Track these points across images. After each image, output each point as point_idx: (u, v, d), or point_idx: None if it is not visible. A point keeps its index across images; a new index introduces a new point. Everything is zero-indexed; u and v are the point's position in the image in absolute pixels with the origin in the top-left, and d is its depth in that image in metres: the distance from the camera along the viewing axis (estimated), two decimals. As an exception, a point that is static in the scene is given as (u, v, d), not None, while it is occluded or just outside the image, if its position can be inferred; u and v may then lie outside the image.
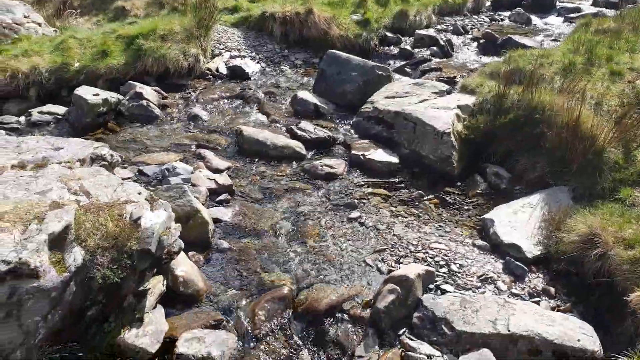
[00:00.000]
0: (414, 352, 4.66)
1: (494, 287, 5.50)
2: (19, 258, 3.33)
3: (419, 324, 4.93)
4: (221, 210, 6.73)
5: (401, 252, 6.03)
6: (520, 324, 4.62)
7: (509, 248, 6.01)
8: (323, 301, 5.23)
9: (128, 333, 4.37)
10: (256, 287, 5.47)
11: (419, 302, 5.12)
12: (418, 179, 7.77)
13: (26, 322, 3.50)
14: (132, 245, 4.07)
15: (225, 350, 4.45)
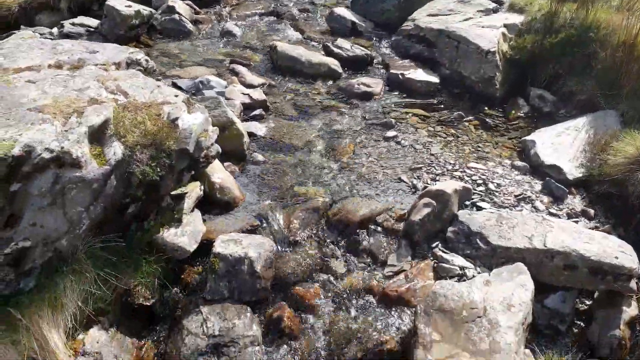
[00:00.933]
0: (446, 264, 4.64)
1: (531, 206, 5.36)
2: (61, 147, 3.35)
3: (453, 238, 4.88)
4: (255, 125, 6.66)
5: (437, 171, 5.89)
6: (557, 240, 4.51)
7: (549, 169, 5.80)
8: (357, 213, 5.21)
9: (167, 232, 4.47)
10: (290, 198, 5.47)
11: (455, 217, 5.04)
12: (458, 100, 7.47)
13: (70, 212, 3.58)
14: (170, 145, 4.06)
15: (262, 252, 4.52)
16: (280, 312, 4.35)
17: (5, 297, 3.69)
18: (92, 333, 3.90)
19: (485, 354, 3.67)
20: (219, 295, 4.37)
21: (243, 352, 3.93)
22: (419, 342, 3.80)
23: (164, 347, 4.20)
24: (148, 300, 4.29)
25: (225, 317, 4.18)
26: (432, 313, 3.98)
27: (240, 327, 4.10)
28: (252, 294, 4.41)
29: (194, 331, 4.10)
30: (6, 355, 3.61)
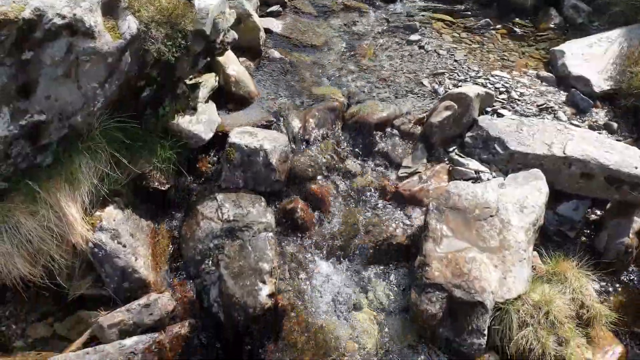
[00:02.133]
0: (462, 167, 4.55)
1: (553, 117, 5.16)
2: (73, 14, 3.17)
3: (471, 142, 4.75)
4: (272, 21, 6.33)
5: (460, 77, 5.64)
6: (577, 148, 4.37)
7: (576, 81, 5.52)
8: (374, 116, 5.06)
9: (182, 119, 4.38)
10: (307, 97, 5.30)
11: (474, 122, 4.88)
12: (487, 8, 7.02)
13: (85, 87, 3.47)
14: (186, 25, 3.85)
15: (277, 146, 4.44)
16: (294, 204, 4.35)
17: (23, 170, 3.69)
18: (108, 211, 3.93)
19: (494, 250, 3.67)
20: (233, 184, 4.36)
21: (257, 237, 3.97)
22: (429, 236, 3.80)
23: (178, 230, 4.25)
24: (163, 185, 4.28)
25: (239, 205, 4.19)
26: (445, 210, 3.95)
27: (255, 214, 4.12)
28: (267, 185, 4.39)
29: (209, 216, 4.12)
30: (25, 225, 3.68)
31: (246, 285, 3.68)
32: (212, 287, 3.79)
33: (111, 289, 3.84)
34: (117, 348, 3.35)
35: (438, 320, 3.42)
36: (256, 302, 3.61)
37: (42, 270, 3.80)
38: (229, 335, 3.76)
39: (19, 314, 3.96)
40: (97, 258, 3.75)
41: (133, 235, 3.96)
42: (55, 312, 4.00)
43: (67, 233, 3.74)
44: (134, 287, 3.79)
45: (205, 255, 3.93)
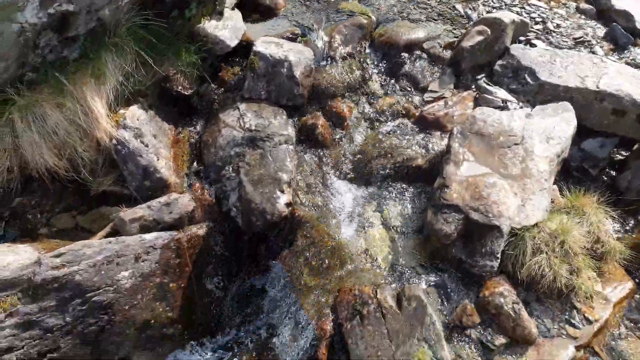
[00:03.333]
0: (489, 95, 4.34)
1: (589, 51, 4.84)
2: None
3: (501, 71, 4.49)
4: None
5: (495, 4, 5.27)
6: (612, 83, 4.12)
7: (617, 15, 5.13)
8: (403, 37, 4.78)
9: (208, 23, 4.16)
10: (335, 12, 5.00)
11: (506, 50, 4.59)
12: None
13: (111, -24, 3.24)
14: None
15: (301, 59, 4.23)
16: (315, 120, 4.21)
17: (51, 63, 3.56)
18: (132, 110, 3.83)
19: (515, 178, 3.56)
20: (256, 95, 4.21)
21: (277, 148, 3.87)
22: (451, 159, 3.68)
23: (199, 136, 4.17)
24: (186, 89, 4.15)
25: (261, 115, 4.06)
26: (469, 135, 3.80)
27: (276, 125, 4.00)
28: (289, 98, 4.23)
29: (231, 124, 4.01)
30: (52, 117, 3.60)
31: (265, 193, 3.63)
32: (232, 193, 3.75)
33: (133, 187, 3.82)
34: (138, 241, 3.37)
35: (452, 241, 3.38)
36: (274, 209, 3.58)
37: (67, 164, 3.78)
38: (245, 239, 3.77)
39: (45, 204, 3.98)
40: (120, 155, 3.70)
41: (155, 137, 3.88)
42: (79, 206, 4.02)
43: (92, 128, 3.67)
44: (155, 187, 3.77)
45: (225, 161, 3.87)
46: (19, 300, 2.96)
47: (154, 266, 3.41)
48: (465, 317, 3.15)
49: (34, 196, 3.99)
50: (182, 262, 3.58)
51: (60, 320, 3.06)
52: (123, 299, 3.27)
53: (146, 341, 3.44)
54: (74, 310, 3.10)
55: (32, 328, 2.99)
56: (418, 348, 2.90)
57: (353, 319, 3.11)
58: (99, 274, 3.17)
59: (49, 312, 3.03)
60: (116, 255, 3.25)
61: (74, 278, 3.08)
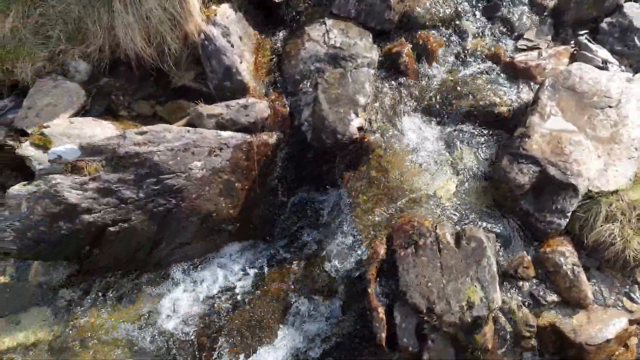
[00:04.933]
0: (589, 53, 3.95)
1: None
2: None
3: (607, 29, 4.06)
4: None
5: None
6: None
7: None
8: (506, -23, 4.35)
9: None
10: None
11: (618, 8, 4.13)
12: None
13: None
14: None
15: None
16: (400, 48, 3.99)
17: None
18: (223, 8, 3.74)
19: (602, 141, 3.29)
20: (345, 13, 4.01)
21: (358, 70, 3.72)
22: (537, 111, 3.43)
23: (282, 47, 4.05)
24: (277, -3, 3.98)
25: (347, 34, 3.88)
26: (560, 90, 3.51)
27: (361, 47, 3.82)
28: (378, 21, 4.01)
29: (315, 38, 3.86)
30: (148, 1, 3.56)
31: (339, 113, 3.53)
32: (306, 108, 3.67)
33: (212, 85, 3.80)
34: (214, 135, 3.38)
35: (523, 192, 3.21)
36: (346, 130, 3.49)
37: (154, 53, 3.78)
38: (312, 154, 3.73)
39: (128, 88, 4.04)
40: (206, 51, 3.65)
41: (241, 39, 3.80)
42: (158, 96, 4.06)
43: (183, 19, 3.62)
44: (234, 88, 3.73)
45: (304, 76, 3.76)
46: (103, 167, 3.07)
47: (224, 163, 3.44)
48: (521, 269, 3.05)
49: (119, 79, 4.05)
50: (250, 165, 3.59)
51: (134, 194, 3.17)
52: (192, 187, 3.34)
53: (206, 231, 3.55)
54: (147, 188, 3.19)
55: (109, 196, 3.12)
56: (470, 286, 2.84)
57: (408, 247, 3.06)
58: (175, 159, 3.22)
59: (126, 185, 3.14)
60: (193, 144, 3.29)
61: (153, 158, 3.15)
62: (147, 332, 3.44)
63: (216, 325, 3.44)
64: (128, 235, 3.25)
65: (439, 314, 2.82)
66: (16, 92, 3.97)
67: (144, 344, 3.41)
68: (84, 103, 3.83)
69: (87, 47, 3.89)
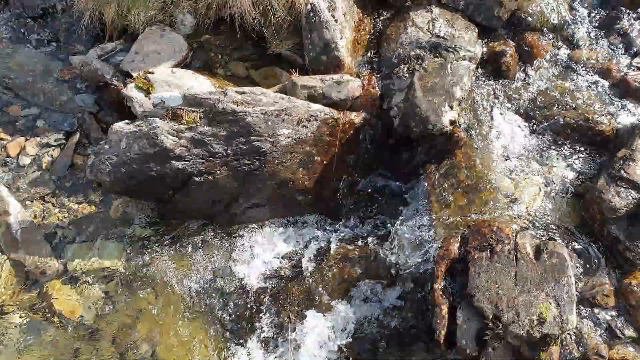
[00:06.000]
0: None
1: None
2: None
3: None
4: None
5: None
6: None
7: None
8: (632, -12, 4.05)
9: None
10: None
11: None
12: None
13: None
14: None
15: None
16: (504, 47, 3.85)
17: None
18: (333, -19, 3.72)
19: None
20: (452, 4, 3.92)
21: (459, 62, 3.62)
22: (648, 135, 3.20)
23: (382, 29, 4.01)
24: (386, -22, 3.93)
25: (453, 25, 3.78)
26: (677, 116, 3.25)
27: (465, 40, 3.71)
28: (486, 17, 3.88)
29: (419, 24, 3.79)
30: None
31: (433, 102, 3.46)
32: (398, 92, 3.63)
33: (309, 57, 3.83)
34: (305, 107, 3.43)
35: (616, 217, 3.03)
36: (437, 121, 3.42)
37: (259, 16, 3.85)
38: (394, 139, 3.70)
39: (226, 47, 4.16)
40: (309, 22, 3.68)
41: (345, 15, 3.79)
42: (254, 60, 4.16)
43: (292, -13, 3.65)
44: (329, 64, 3.75)
45: (402, 60, 3.71)
46: (200, 119, 3.19)
47: (309, 135, 3.48)
48: (600, 296, 2.90)
49: (220, 38, 4.18)
50: (332, 141, 3.62)
51: (223, 150, 3.28)
52: (276, 153, 3.41)
53: (279, 197, 3.62)
54: (236, 146, 3.29)
55: (201, 147, 3.25)
56: (544, 302, 2.74)
57: (483, 250, 2.99)
58: (266, 123, 3.30)
59: (218, 140, 3.25)
60: (284, 112, 3.35)
61: (247, 118, 3.24)
62: (206, 281, 3.58)
63: (274, 288, 3.53)
64: (210, 187, 3.38)
65: (506, 323, 2.75)
66: (125, 37, 4.20)
67: (201, 291, 3.57)
68: (185, 55, 3.99)
69: (197, 2, 4.03)
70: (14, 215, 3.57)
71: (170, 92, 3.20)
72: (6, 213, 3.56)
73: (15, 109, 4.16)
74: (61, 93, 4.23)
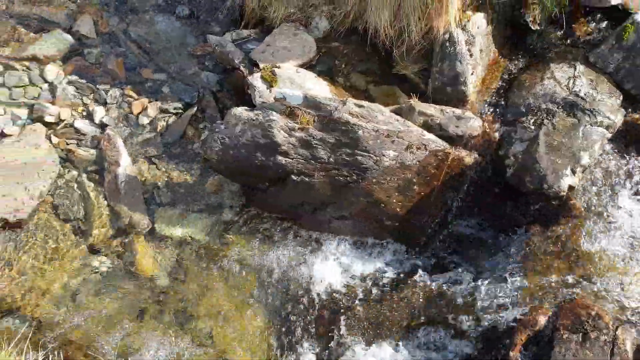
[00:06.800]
0: None
1: None
2: None
3: None
4: None
5: None
6: None
7: None
8: None
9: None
10: None
11: None
12: None
13: None
14: None
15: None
16: (649, 122, 3.53)
17: None
18: (478, 17, 3.70)
19: None
20: (601, 65, 3.70)
21: (593, 127, 3.41)
22: None
23: (516, 73, 3.88)
24: (534, 24, 3.81)
25: (595, 87, 3.56)
26: None
27: (606, 105, 3.49)
28: (637, 86, 3.60)
29: (558, 78, 3.62)
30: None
31: (555, 162, 3.28)
32: (518, 143, 3.48)
33: (433, 84, 3.80)
34: (419, 134, 3.40)
35: None
36: (554, 183, 3.23)
37: (393, 34, 3.89)
38: (500, 189, 3.54)
39: (352, 58, 4.24)
40: (443, 51, 3.65)
41: (481, 52, 3.71)
42: (375, 75, 4.19)
43: (435, 14, 3.65)
44: (453, 96, 3.70)
45: (530, 110, 3.56)
46: (314, 122, 3.27)
47: (414, 162, 3.43)
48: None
49: (348, 47, 4.27)
50: (436, 174, 3.54)
51: (327, 156, 3.33)
52: (376, 172, 3.40)
53: (367, 216, 3.60)
54: (339, 156, 3.33)
55: (307, 149, 3.32)
56: (634, 410, 2.47)
57: (575, 332, 2.76)
58: (375, 141, 3.30)
59: (324, 146, 3.31)
60: (396, 134, 3.33)
61: (358, 131, 3.26)
62: (278, 277, 3.64)
63: (341, 304, 3.51)
64: (305, 189, 3.44)
65: (583, 420, 2.51)
66: (261, 28, 4.42)
67: (271, 285, 3.63)
68: (312, 57, 4.12)
69: (335, 9, 4.15)
70: (122, 167, 3.86)
71: (293, 91, 3.32)
72: (117, 164, 3.86)
73: (147, 72, 4.52)
74: (189, 66, 4.53)
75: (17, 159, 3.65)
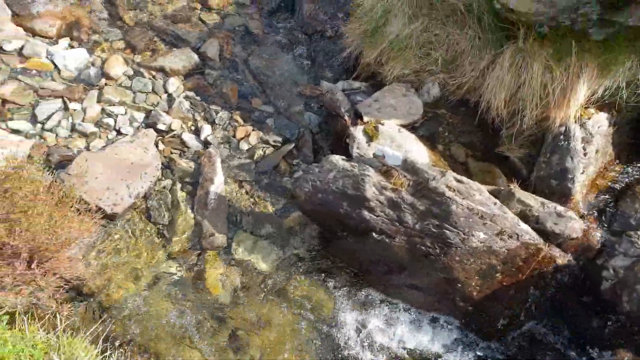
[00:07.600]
0: None
1: None
2: None
3: None
4: None
5: None
6: None
7: None
8: None
9: None
10: None
11: None
12: None
13: None
14: None
15: None
16: None
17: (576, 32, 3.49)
18: (599, 116, 3.59)
19: None
20: None
21: None
22: None
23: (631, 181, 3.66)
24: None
25: None
26: None
27: None
28: None
29: (680, 197, 3.34)
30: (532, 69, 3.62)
31: (661, 289, 2.99)
32: (622, 257, 3.27)
33: (537, 173, 3.72)
34: (514, 222, 3.29)
35: None
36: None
37: (506, 115, 3.86)
38: (593, 301, 3.30)
39: (457, 129, 4.25)
40: (555, 143, 3.57)
41: (597, 152, 3.59)
42: (477, 150, 4.14)
43: (555, 104, 3.59)
44: (557, 191, 3.57)
45: (641, 226, 3.31)
46: (407, 186, 3.28)
47: (502, 250, 3.31)
48: None
49: (455, 117, 4.29)
50: (522, 268, 3.38)
51: (413, 222, 3.31)
52: (461, 250, 3.31)
53: (441, 292, 3.51)
54: (426, 226, 3.30)
55: (394, 210, 3.33)
56: None
57: None
58: (467, 219, 3.24)
59: (413, 211, 3.29)
60: (490, 217, 3.25)
61: (451, 206, 3.22)
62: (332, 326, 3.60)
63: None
64: (383, 248, 3.43)
65: None
66: (372, 82, 4.58)
67: (324, 333, 3.59)
68: (416, 120, 4.18)
69: (451, 78, 4.20)
70: (215, 185, 4.09)
71: (393, 151, 3.37)
72: (211, 181, 4.10)
73: (257, 102, 4.82)
74: (296, 104, 4.78)
75: (127, 158, 4.00)
